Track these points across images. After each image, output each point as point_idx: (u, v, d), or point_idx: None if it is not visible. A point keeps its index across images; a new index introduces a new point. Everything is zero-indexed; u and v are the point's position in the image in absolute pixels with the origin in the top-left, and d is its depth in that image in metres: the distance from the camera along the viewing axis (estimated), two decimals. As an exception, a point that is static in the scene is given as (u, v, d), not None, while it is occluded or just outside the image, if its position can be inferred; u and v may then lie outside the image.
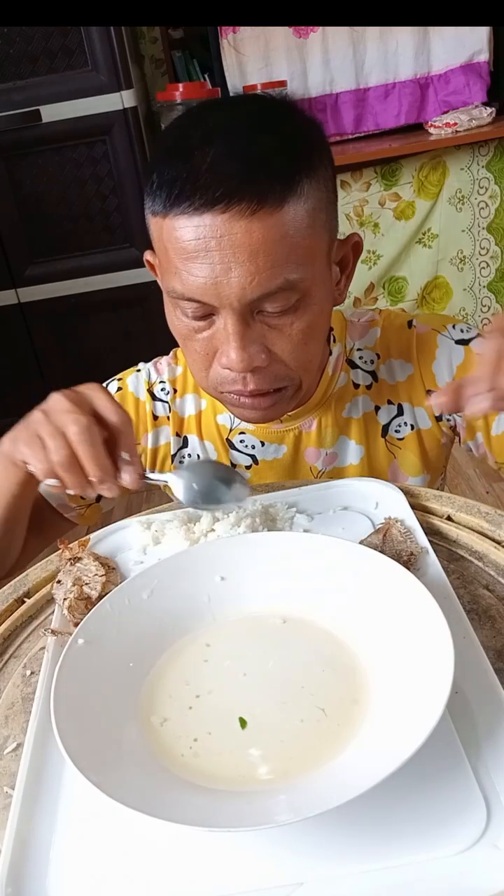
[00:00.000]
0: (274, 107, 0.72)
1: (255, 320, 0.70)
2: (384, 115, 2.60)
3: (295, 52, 2.49)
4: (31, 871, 0.43)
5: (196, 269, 0.66)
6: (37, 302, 2.45)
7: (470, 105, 2.52)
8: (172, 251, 0.68)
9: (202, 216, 0.64)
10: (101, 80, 2.19)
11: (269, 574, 0.59)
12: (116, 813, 0.41)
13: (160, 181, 0.67)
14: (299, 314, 0.70)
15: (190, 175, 0.65)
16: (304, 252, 0.68)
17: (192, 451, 0.92)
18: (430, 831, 0.41)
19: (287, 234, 0.65)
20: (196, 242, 0.65)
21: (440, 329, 0.87)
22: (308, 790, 0.43)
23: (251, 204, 0.63)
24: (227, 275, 0.65)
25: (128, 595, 0.57)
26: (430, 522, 0.68)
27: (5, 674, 0.60)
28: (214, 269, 0.65)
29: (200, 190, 0.64)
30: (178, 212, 0.65)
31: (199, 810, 0.43)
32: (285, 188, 0.65)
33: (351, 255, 0.80)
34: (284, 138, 0.67)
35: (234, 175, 0.64)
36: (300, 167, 0.66)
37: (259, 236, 0.64)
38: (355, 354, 0.89)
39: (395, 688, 0.48)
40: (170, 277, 0.70)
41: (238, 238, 0.64)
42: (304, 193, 0.66)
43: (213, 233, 0.64)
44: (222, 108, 0.72)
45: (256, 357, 0.70)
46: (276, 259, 0.66)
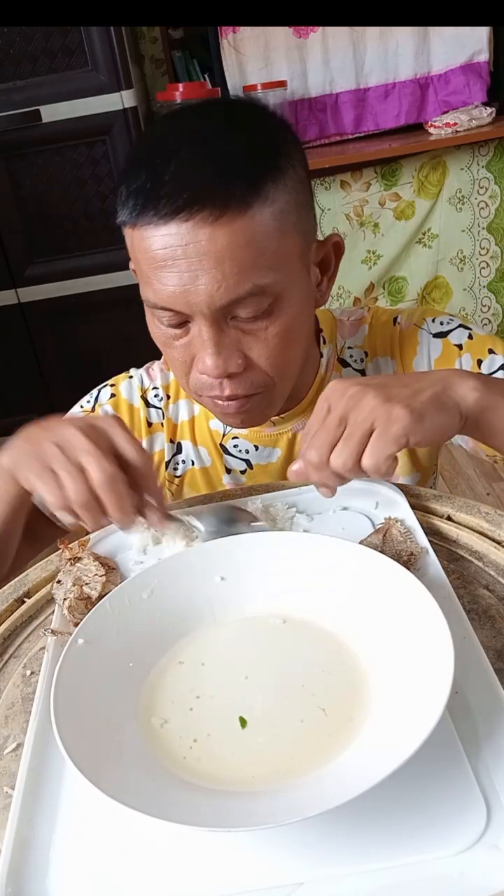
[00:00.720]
0: (240, 110, 0.72)
1: (230, 326, 0.69)
2: (384, 115, 2.60)
3: (295, 52, 2.49)
4: (31, 871, 0.43)
5: (165, 279, 0.66)
6: (37, 302, 2.45)
7: (470, 105, 2.52)
8: (143, 261, 0.68)
9: (167, 225, 0.64)
10: (101, 80, 2.19)
11: (269, 574, 0.59)
12: (116, 813, 0.41)
13: (127, 192, 0.67)
14: (273, 318, 0.70)
15: (154, 184, 0.65)
16: (273, 256, 0.67)
17: (186, 456, 0.92)
18: (430, 831, 0.41)
19: (253, 238, 0.65)
20: (164, 252, 0.65)
21: (420, 323, 0.88)
22: (308, 790, 0.43)
23: (214, 210, 0.63)
24: (194, 282, 0.65)
25: (128, 595, 0.57)
26: (430, 522, 0.68)
27: (5, 674, 0.60)
28: (182, 277, 0.66)
29: (164, 199, 0.64)
30: (145, 222, 0.66)
31: (198, 810, 0.43)
32: (249, 192, 0.64)
33: (333, 256, 0.79)
34: (249, 142, 0.67)
35: (197, 181, 0.64)
36: (265, 170, 0.66)
37: (224, 242, 0.64)
38: (346, 353, 0.89)
39: (395, 688, 0.47)
40: (144, 287, 0.70)
41: (203, 245, 0.64)
42: (269, 196, 0.66)
43: (179, 241, 0.64)
44: (190, 114, 0.72)
45: (232, 362, 0.70)
46: (243, 264, 0.65)
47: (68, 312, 2.45)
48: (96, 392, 0.93)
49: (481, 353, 0.85)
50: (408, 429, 0.59)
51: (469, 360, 0.85)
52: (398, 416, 0.59)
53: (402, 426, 0.58)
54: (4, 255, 2.39)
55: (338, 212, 2.59)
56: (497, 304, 2.81)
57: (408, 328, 0.88)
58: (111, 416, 0.68)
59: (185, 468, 0.93)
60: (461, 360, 0.85)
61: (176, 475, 0.93)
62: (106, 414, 0.68)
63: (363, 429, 0.60)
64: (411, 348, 0.87)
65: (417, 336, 0.87)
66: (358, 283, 2.70)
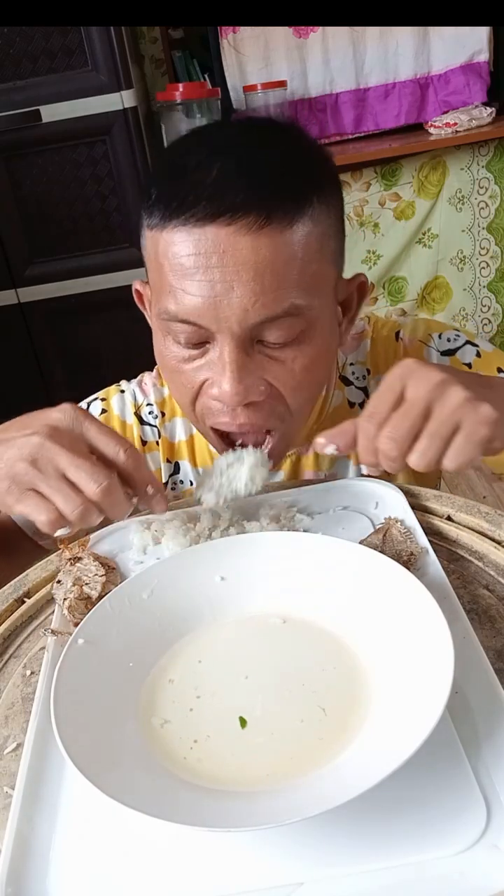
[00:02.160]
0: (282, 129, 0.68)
1: (255, 350, 0.64)
2: (384, 115, 2.60)
3: (295, 52, 2.48)
4: (31, 871, 0.43)
5: (193, 288, 0.61)
6: (37, 302, 2.45)
7: (470, 105, 2.52)
8: (168, 267, 0.62)
9: (204, 229, 0.59)
10: (101, 80, 2.19)
11: (269, 574, 0.59)
12: (116, 813, 0.41)
13: (159, 192, 0.63)
14: (303, 347, 0.65)
15: (193, 186, 0.60)
16: (313, 278, 0.63)
17: (185, 477, 0.89)
18: (430, 831, 0.41)
19: (296, 255, 0.61)
20: (196, 258, 0.60)
21: (426, 340, 0.84)
22: (308, 790, 0.43)
23: (259, 218, 0.59)
24: (227, 294, 0.60)
25: (128, 595, 0.57)
26: (430, 522, 0.68)
27: (5, 674, 0.60)
28: (214, 287, 0.60)
29: (204, 201, 0.59)
30: (178, 223, 0.60)
31: (199, 810, 0.43)
32: (296, 206, 0.61)
33: (356, 297, 0.74)
34: (296, 157, 0.64)
35: (242, 187, 0.59)
36: (312, 187, 0.63)
37: (266, 254, 0.59)
38: (348, 370, 0.85)
39: (395, 688, 0.48)
40: (163, 298, 0.64)
41: (243, 254, 0.59)
42: (314, 216, 0.62)
43: (216, 247, 0.59)
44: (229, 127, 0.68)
45: (254, 390, 0.64)
46: (284, 281, 0.60)
47: (68, 312, 2.45)
48: (85, 406, 0.89)
49: (490, 372, 0.82)
50: (494, 432, 0.54)
51: None
52: (487, 417, 0.54)
53: (490, 429, 0.54)
54: (4, 255, 2.39)
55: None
56: (497, 304, 2.81)
57: (412, 345, 0.84)
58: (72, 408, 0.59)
59: (182, 489, 0.90)
60: None
61: (174, 496, 0.89)
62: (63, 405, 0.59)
63: (450, 427, 0.54)
64: None
65: (424, 354, 0.83)
66: (358, 283, 2.70)
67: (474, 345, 0.84)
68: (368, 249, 2.66)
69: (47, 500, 0.56)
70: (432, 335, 0.84)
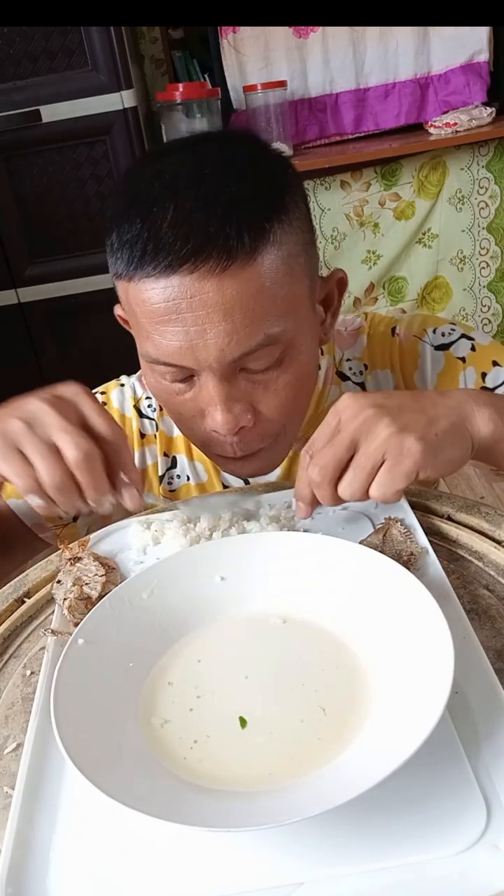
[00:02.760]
0: (238, 147, 0.68)
1: (239, 377, 0.66)
2: (384, 115, 2.60)
3: (295, 52, 2.48)
4: (31, 871, 0.43)
5: (169, 334, 0.62)
6: (37, 302, 2.45)
7: (470, 105, 2.52)
8: (142, 315, 0.64)
9: (169, 278, 0.60)
10: (101, 80, 2.19)
11: (269, 574, 0.59)
12: (116, 813, 0.41)
13: (120, 242, 0.63)
14: (285, 367, 0.67)
15: (151, 234, 0.60)
16: (284, 302, 0.64)
17: (182, 471, 0.89)
18: (430, 831, 0.41)
19: (263, 286, 0.62)
20: (166, 305, 0.61)
21: (420, 335, 0.84)
22: (308, 790, 0.43)
23: (220, 260, 0.59)
24: (202, 337, 0.61)
25: (128, 595, 0.57)
26: (430, 522, 0.68)
27: (5, 674, 0.60)
28: (188, 332, 0.61)
29: (164, 250, 0.60)
30: (143, 274, 0.61)
31: (199, 810, 0.43)
32: (256, 239, 0.61)
33: (336, 292, 0.75)
34: (252, 182, 0.63)
35: (200, 230, 0.59)
36: (271, 213, 0.62)
37: (232, 293, 0.60)
38: (345, 366, 0.86)
39: (395, 688, 0.47)
40: (143, 341, 0.66)
41: (210, 297, 0.60)
42: (277, 241, 0.62)
43: (183, 294, 0.60)
44: (183, 150, 0.67)
45: (242, 417, 0.66)
46: (255, 315, 0.62)
47: (68, 312, 2.45)
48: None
49: (485, 366, 0.82)
50: (419, 464, 0.56)
51: (473, 374, 0.82)
52: (411, 450, 0.56)
53: (413, 462, 0.56)
54: (4, 255, 2.39)
55: (338, 212, 2.59)
56: (497, 304, 2.81)
57: (408, 340, 0.85)
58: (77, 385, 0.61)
59: (179, 483, 0.90)
60: (465, 373, 0.82)
61: (170, 490, 0.90)
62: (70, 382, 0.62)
63: (374, 460, 0.57)
64: (412, 362, 0.84)
65: (418, 349, 0.84)
66: (358, 283, 2.70)
67: (470, 338, 0.84)
68: (368, 249, 2.66)
69: (28, 464, 0.57)
70: (427, 330, 0.84)
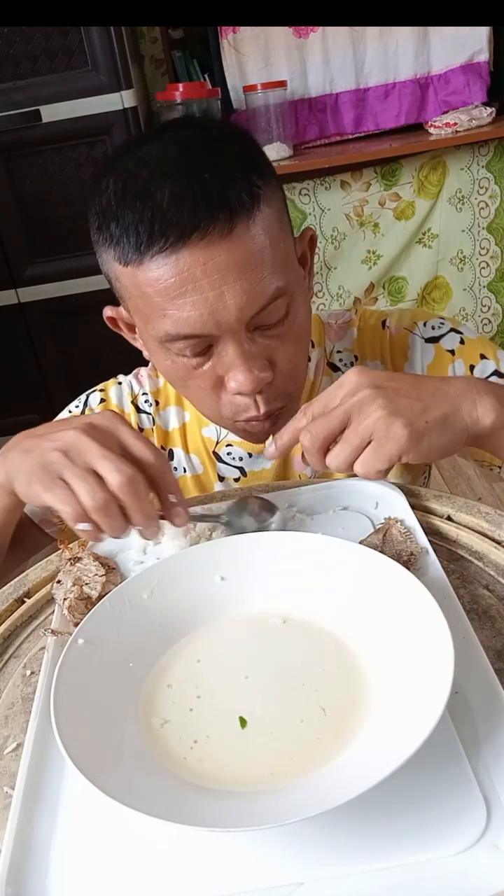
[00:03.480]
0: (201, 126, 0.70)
1: (254, 337, 0.68)
2: (384, 115, 2.60)
3: (295, 52, 2.48)
4: (31, 871, 0.43)
5: (188, 305, 0.64)
6: (37, 302, 2.45)
7: (470, 105, 2.52)
8: (155, 294, 0.65)
9: (180, 251, 0.62)
10: (101, 80, 2.19)
11: (269, 574, 0.59)
12: (116, 813, 0.41)
13: (121, 229, 0.64)
14: (290, 319, 0.70)
15: (156, 213, 0.62)
16: (283, 256, 0.67)
17: (178, 464, 0.91)
18: (430, 831, 0.41)
19: (265, 241, 0.65)
20: (180, 278, 0.63)
21: (411, 328, 0.87)
22: (308, 790, 0.43)
23: (226, 223, 0.62)
24: (221, 300, 0.64)
25: (128, 595, 0.57)
26: (430, 522, 0.68)
27: (5, 674, 0.60)
28: (207, 298, 0.63)
29: (172, 225, 0.62)
30: (154, 253, 0.63)
31: (199, 810, 0.43)
32: (252, 197, 0.64)
33: (308, 251, 0.78)
34: (231, 150, 0.67)
35: (201, 199, 0.62)
36: (259, 172, 0.66)
37: (241, 251, 0.63)
38: (335, 357, 0.88)
39: (395, 688, 0.47)
40: (157, 322, 0.67)
41: (222, 260, 0.62)
42: (267, 198, 0.66)
43: (196, 263, 0.62)
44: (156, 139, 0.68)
45: (263, 374, 0.69)
46: (264, 269, 0.65)
47: (68, 312, 2.45)
48: (84, 397, 0.93)
49: (473, 359, 0.84)
50: (403, 449, 0.59)
51: (462, 366, 0.84)
52: (396, 434, 0.59)
53: (397, 446, 0.59)
54: (4, 255, 2.39)
55: (338, 212, 2.59)
56: (497, 304, 2.81)
57: (398, 333, 0.87)
58: (110, 412, 0.63)
59: (176, 475, 0.90)
60: (454, 365, 0.85)
61: None
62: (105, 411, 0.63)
63: (361, 438, 0.60)
64: (402, 353, 0.87)
65: (409, 341, 0.86)
66: (358, 283, 2.70)
67: (458, 332, 0.86)
68: (368, 249, 2.66)
69: (71, 490, 0.57)
70: (417, 323, 0.87)
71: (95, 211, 0.68)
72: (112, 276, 0.70)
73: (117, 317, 0.77)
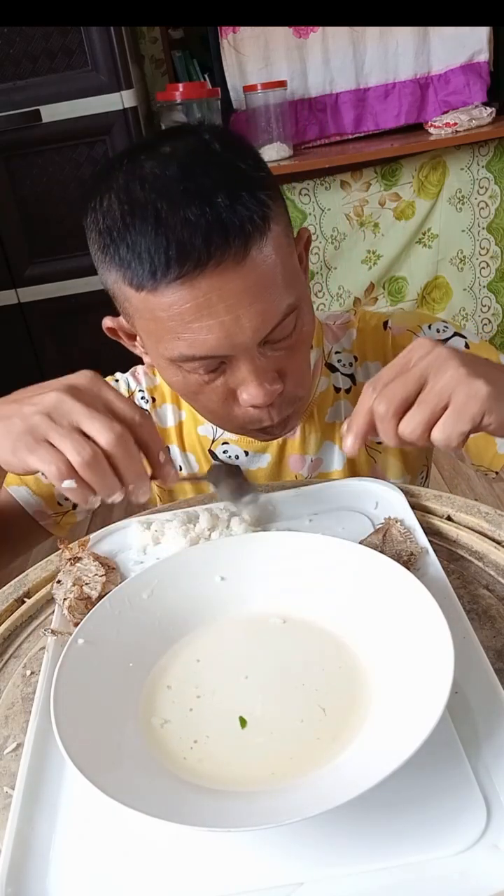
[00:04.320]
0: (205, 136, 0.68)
1: (265, 351, 0.68)
2: (384, 115, 2.60)
3: (295, 52, 2.48)
4: (31, 871, 0.43)
5: (204, 330, 0.64)
6: (37, 302, 2.46)
7: (470, 105, 2.52)
8: (169, 319, 0.64)
9: (196, 279, 0.62)
10: (101, 80, 2.19)
11: (269, 574, 0.59)
12: (116, 813, 0.41)
13: (133, 254, 0.63)
14: (297, 329, 0.70)
15: (169, 242, 0.61)
16: (291, 270, 0.68)
17: (174, 462, 0.90)
18: (430, 831, 0.41)
19: (276, 260, 0.65)
20: (196, 304, 0.63)
21: (415, 330, 0.86)
22: (308, 790, 0.43)
23: (239, 248, 0.62)
24: (237, 324, 0.64)
25: (128, 595, 0.57)
26: (430, 522, 0.68)
27: (5, 674, 0.60)
28: (223, 322, 0.63)
29: (187, 256, 0.61)
30: (169, 281, 0.62)
31: (199, 810, 0.43)
32: (264, 217, 0.63)
33: (304, 251, 0.78)
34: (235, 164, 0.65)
35: (214, 228, 0.61)
36: (265, 189, 0.65)
37: (255, 275, 0.63)
38: (334, 357, 0.88)
39: (395, 688, 0.48)
40: (170, 344, 0.66)
41: (237, 285, 0.62)
42: (275, 216, 0.65)
43: (212, 289, 0.62)
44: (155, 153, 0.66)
45: (276, 386, 0.69)
46: (276, 288, 0.65)
47: (68, 312, 2.45)
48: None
49: None
50: (486, 407, 0.55)
51: None
52: (480, 392, 0.55)
53: (481, 405, 0.55)
54: (4, 255, 2.40)
55: (338, 212, 2.59)
56: (497, 304, 2.81)
57: (401, 334, 0.87)
58: (90, 372, 0.60)
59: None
60: None
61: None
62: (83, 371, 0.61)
63: (441, 397, 0.56)
64: None
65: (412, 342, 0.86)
66: (358, 283, 2.70)
67: (462, 336, 0.86)
68: (368, 249, 2.66)
69: (58, 450, 0.55)
70: (422, 325, 0.87)
71: (97, 229, 0.66)
72: (119, 296, 0.69)
73: (117, 327, 0.77)
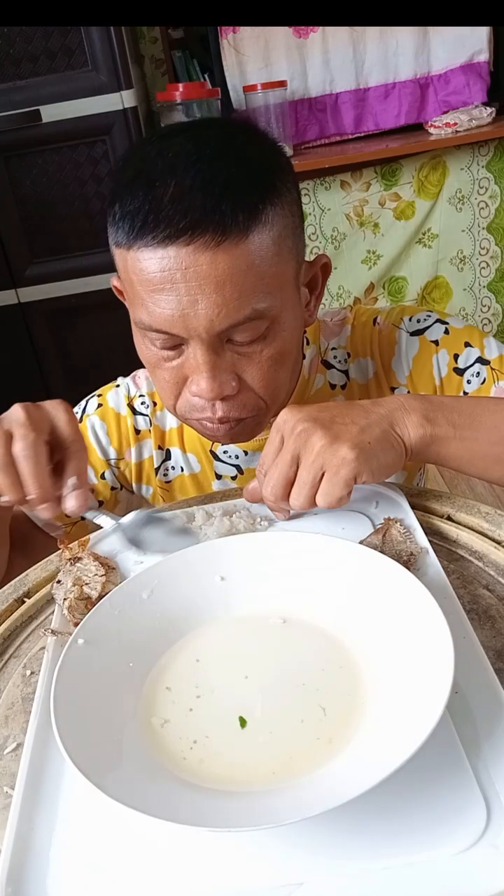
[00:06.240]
0: (237, 132, 0.71)
1: (225, 348, 0.69)
2: (384, 115, 2.60)
3: (295, 52, 2.48)
4: (31, 871, 0.43)
5: (162, 302, 0.66)
6: (37, 302, 2.45)
7: (470, 105, 2.52)
8: (138, 282, 0.67)
9: (166, 248, 0.63)
10: (101, 80, 2.19)
11: (269, 574, 0.59)
12: (116, 813, 0.41)
13: (122, 212, 0.66)
14: (269, 341, 0.70)
15: (153, 206, 0.64)
16: (272, 280, 0.67)
17: (176, 463, 0.92)
18: (430, 831, 0.41)
19: (253, 263, 0.65)
20: (161, 274, 0.64)
21: (397, 323, 0.88)
22: (308, 790, 0.43)
23: (215, 235, 0.63)
24: (193, 307, 0.65)
25: (128, 595, 0.57)
26: (430, 522, 0.68)
27: (5, 674, 0.60)
28: (181, 301, 0.65)
29: (164, 222, 0.63)
30: (142, 244, 0.65)
31: (199, 810, 0.43)
32: (249, 218, 0.64)
33: (320, 276, 0.79)
34: (248, 165, 0.66)
35: (198, 206, 0.63)
36: (264, 195, 0.66)
37: (224, 267, 0.64)
38: (330, 354, 0.89)
39: (395, 688, 0.47)
40: (137, 308, 0.69)
41: (203, 270, 0.63)
42: (269, 221, 0.66)
43: (178, 265, 0.63)
44: (185, 133, 0.70)
45: (227, 385, 0.70)
46: (244, 289, 0.65)
47: (68, 312, 2.45)
48: (84, 403, 0.94)
49: (457, 348, 0.85)
50: (356, 470, 0.60)
51: (446, 356, 0.85)
52: (346, 458, 0.60)
53: (350, 469, 0.60)
54: (4, 255, 2.39)
55: (338, 212, 2.59)
56: (497, 304, 2.81)
57: (386, 328, 0.88)
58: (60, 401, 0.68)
59: (174, 474, 0.93)
60: (438, 356, 0.85)
61: (166, 481, 0.94)
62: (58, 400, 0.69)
63: (314, 472, 0.61)
64: (389, 349, 0.87)
65: (395, 336, 0.87)
66: (358, 283, 2.70)
67: (444, 322, 0.87)
68: (368, 249, 2.66)
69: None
70: (404, 318, 0.88)
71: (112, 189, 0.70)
72: (112, 252, 0.72)
73: (120, 287, 0.78)
